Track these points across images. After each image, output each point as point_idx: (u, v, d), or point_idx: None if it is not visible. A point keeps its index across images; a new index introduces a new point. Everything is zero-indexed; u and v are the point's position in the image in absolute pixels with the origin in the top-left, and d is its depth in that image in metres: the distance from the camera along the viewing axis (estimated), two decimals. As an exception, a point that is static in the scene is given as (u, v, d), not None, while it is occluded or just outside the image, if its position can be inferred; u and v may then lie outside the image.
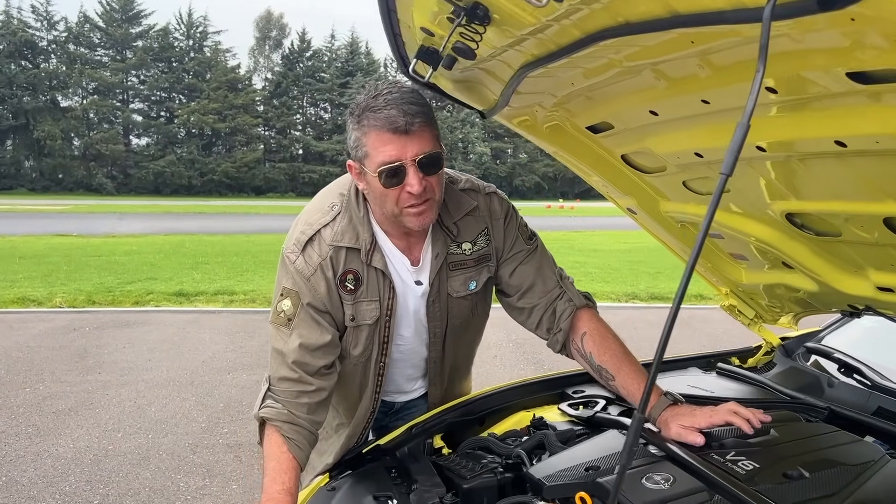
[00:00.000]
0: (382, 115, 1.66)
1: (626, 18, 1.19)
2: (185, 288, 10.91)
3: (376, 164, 1.69)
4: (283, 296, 1.87)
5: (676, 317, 0.89)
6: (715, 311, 10.07)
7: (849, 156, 1.36)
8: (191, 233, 21.34)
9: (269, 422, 1.81)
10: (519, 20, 1.33)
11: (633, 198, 2.20)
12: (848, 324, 2.58)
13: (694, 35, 1.18)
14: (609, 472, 1.62)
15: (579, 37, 1.34)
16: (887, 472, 1.50)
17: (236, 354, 7.15)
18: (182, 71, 65.20)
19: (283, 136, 69.85)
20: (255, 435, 4.78)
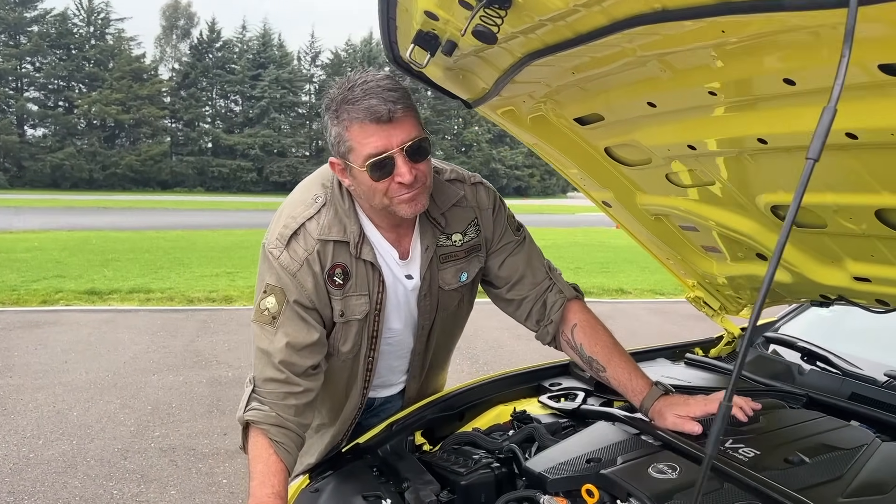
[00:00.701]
0: (363, 106, 1.59)
1: (663, 5, 1.17)
2: (97, 286, 10.38)
3: (363, 157, 1.62)
4: (266, 293, 1.77)
5: (761, 311, 0.88)
6: (635, 304, 10.39)
7: (855, 148, 1.39)
8: (96, 228, 20.33)
9: (255, 424, 1.72)
10: (544, 4, 1.30)
11: (610, 191, 2.22)
12: (802, 313, 2.69)
13: (729, 24, 1.18)
14: (611, 464, 1.62)
15: (603, 24, 1.32)
16: (883, 455, 1.56)
17: (160, 355, 6.85)
18: (82, 59, 61.90)
19: (192, 128, 67.48)
20: (189, 439, 4.59)
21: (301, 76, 73.55)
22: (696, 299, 2.57)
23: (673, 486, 1.48)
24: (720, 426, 0.91)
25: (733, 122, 1.55)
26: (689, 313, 1.98)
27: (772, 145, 1.54)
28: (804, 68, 1.26)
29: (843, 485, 1.43)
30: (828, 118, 0.85)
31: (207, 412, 5.28)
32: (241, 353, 6.96)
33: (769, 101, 1.42)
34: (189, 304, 9.62)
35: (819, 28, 1.10)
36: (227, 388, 5.85)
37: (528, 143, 2.21)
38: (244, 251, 15.62)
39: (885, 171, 1.41)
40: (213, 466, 4.32)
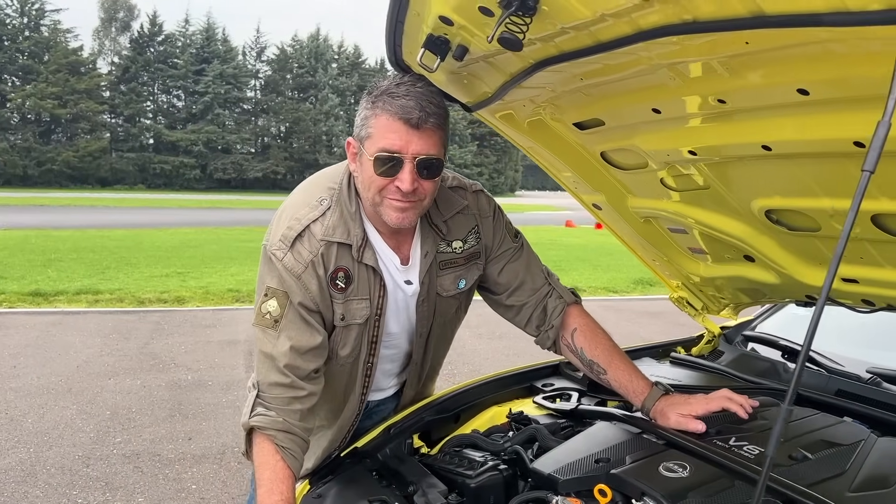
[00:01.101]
0: (399, 103, 1.60)
1: (694, 17, 1.20)
2: (42, 287, 10.02)
3: (376, 147, 1.62)
4: (267, 296, 1.75)
5: (822, 313, 0.91)
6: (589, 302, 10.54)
7: (860, 156, 1.44)
8: (34, 227, 19.63)
9: (261, 430, 1.69)
10: (571, 12, 1.31)
11: (602, 194, 2.25)
12: (777, 312, 2.78)
13: (756, 35, 1.21)
14: (620, 464, 1.65)
15: (627, 34, 1.34)
16: (881, 450, 1.62)
17: (114, 358, 6.66)
18: (15, 51, 59.62)
19: (132, 124, 65.73)
20: (152, 444, 4.49)
21: (246, 71, 72.37)
22: (679, 299, 2.63)
23: (685, 485, 1.51)
24: (781, 427, 0.94)
25: (740, 128, 1.60)
26: (643, 310, 2.04)
27: (776, 152, 1.58)
28: (820, 79, 1.30)
29: (848, 480, 1.49)
30: (882, 131, 0.89)
31: (169, 416, 5.16)
32: (199, 356, 6.83)
33: (780, 109, 1.46)
34: (140, 305, 9.38)
35: (843, 41, 1.14)
36: (188, 392, 5.72)
37: (522, 147, 2.22)
38: (193, 250, 15.31)
39: (887, 178, 1.47)
40: (180, 472, 4.23)
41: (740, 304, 2.58)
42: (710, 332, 2.69)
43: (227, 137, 67.68)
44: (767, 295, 2.32)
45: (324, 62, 74.85)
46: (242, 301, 9.93)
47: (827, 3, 1.01)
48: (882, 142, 0.89)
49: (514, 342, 7.44)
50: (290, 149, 71.34)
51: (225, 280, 11.38)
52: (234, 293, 10.30)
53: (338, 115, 71.91)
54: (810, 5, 1.04)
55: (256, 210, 34.50)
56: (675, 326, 8.56)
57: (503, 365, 6.33)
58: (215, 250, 15.53)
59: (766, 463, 0.96)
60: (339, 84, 74.08)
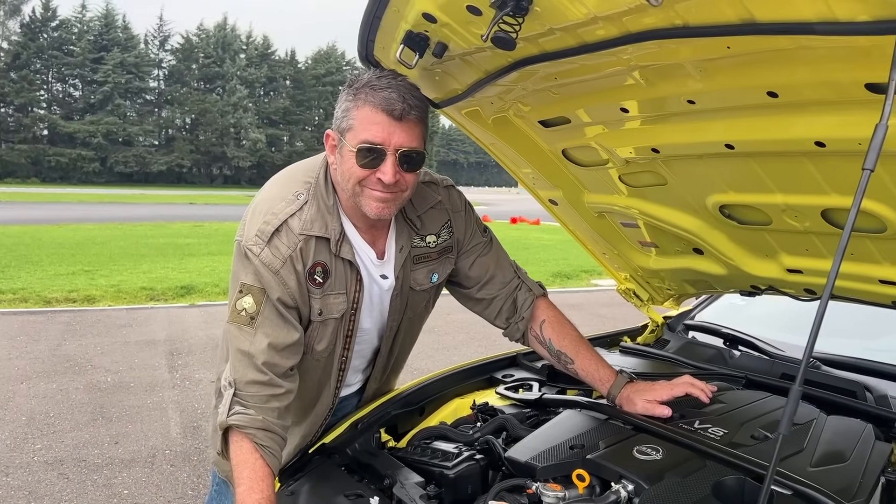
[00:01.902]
0: (382, 95, 1.60)
1: (685, 21, 1.26)
2: (-65, 287, 9.38)
3: (358, 139, 1.62)
4: (242, 293, 1.72)
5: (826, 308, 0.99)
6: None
7: (819, 155, 1.56)
8: (-81, 223, 18.32)
9: (240, 429, 1.66)
10: (563, 14, 1.35)
11: (560, 190, 2.32)
12: (715, 302, 2.93)
13: (738, 41, 1.29)
14: (595, 449, 1.71)
15: (614, 36, 1.39)
16: (832, 428, 1.75)
17: (25, 361, 6.31)
18: None
19: (24, 114, 62.13)
20: (76, 450, 4.33)
21: (149, 61, 69.68)
22: (626, 291, 2.74)
23: (661, 466, 1.58)
24: (793, 407, 1.01)
25: (706, 128, 1.68)
26: (563, 302, 2.13)
27: (738, 150, 1.68)
28: (790, 83, 1.40)
29: (808, 456, 1.60)
30: (881, 133, 0.97)
31: (91, 420, 4.94)
32: (117, 357, 6.56)
33: (748, 110, 1.55)
34: (47, 305, 8.91)
35: (821, 48, 1.23)
36: (110, 395, 5.49)
37: (483, 143, 2.26)
38: (99, 247, 14.64)
39: (841, 175, 1.58)
40: (109, 477, 4.07)
41: (685, 295, 2.70)
42: (653, 322, 2.81)
43: (128, 129, 64.98)
44: (713, 286, 2.45)
45: (231, 52, 72.88)
46: (157, 299, 9.60)
47: (817, 13, 1.09)
48: (880, 143, 0.97)
49: (441, 337, 7.51)
50: (197, 141, 69.14)
51: (137, 278, 10.95)
52: (147, 291, 9.93)
53: (246, 106, 70.19)
54: (802, 14, 1.11)
55: (162, 205, 33.32)
56: (594, 318, 8.85)
57: (434, 360, 6.39)
58: (123, 247, 14.91)
59: (777, 440, 1.02)
60: (248, 75, 72.33)
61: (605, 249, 2.59)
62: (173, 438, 4.68)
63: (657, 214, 2.18)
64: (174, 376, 6.04)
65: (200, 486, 3.98)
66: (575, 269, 13.47)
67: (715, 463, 1.60)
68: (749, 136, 1.62)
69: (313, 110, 78.31)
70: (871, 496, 1.50)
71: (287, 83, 78.04)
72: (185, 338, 7.42)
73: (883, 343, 2.41)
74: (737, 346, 2.48)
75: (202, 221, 22.76)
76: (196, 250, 14.81)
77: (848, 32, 1.08)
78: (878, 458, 1.62)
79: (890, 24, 1.01)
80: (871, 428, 1.76)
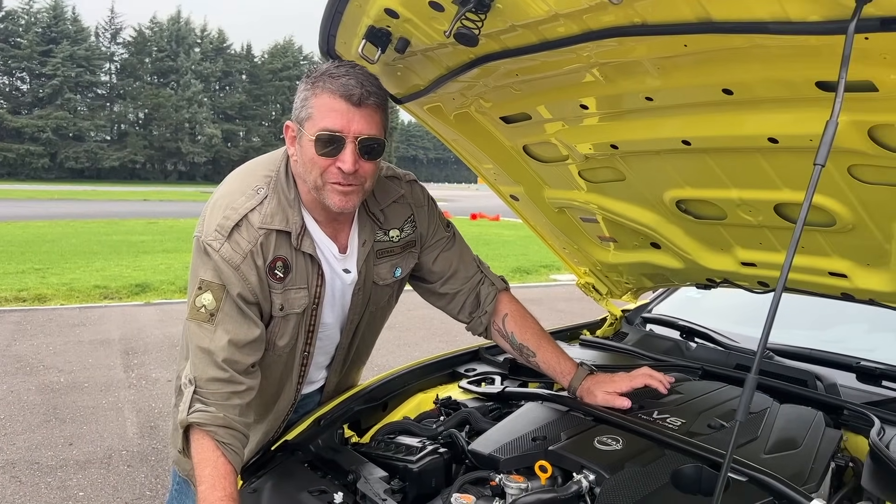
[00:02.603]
0: (340, 82, 1.59)
1: (643, 19, 1.29)
2: None
3: (317, 127, 1.61)
4: (201, 289, 1.70)
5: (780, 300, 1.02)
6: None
7: (772, 151, 1.61)
8: None
9: (201, 427, 1.64)
10: (525, 11, 1.37)
11: (521, 185, 2.34)
12: (671, 295, 2.99)
13: (694, 39, 1.32)
14: (556, 440, 1.74)
15: (575, 33, 1.42)
16: (785, 416, 1.81)
17: (-34, 362, 6.13)
18: None
19: (-32, 108, 60.17)
20: (29, 452, 4.24)
21: (100, 54, 68.07)
22: (585, 285, 2.78)
23: (621, 456, 1.62)
24: (749, 395, 1.04)
25: (663, 124, 1.72)
26: (523, 297, 2.17)
27: (694, 146, 1.72)
28: (744, 81, 1.44)
29: (762, 443, 1.65)
30: (831, 130, 1.00)
31: (44, 422, 4.82)
32: (70, 357, 6.41)
33: (704, 107, 1.59)
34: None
35: (775, 47, 1.27)
36: (63, 395, 5.37)
37: (445, 139, 2.27)
38: (50, 245, 14.27)
39: (793, 171, 1.63)
40: (63, 479, 3.98)
41: (642, 288, 2.76)
42: (612, 316, 2.86)
43: (79, 124, 63.44)
44: (670, 279, 2.50)
45: (186, 46, 71.63)
46: (111, 298, 9.40)
47: (771, 12, 1.13)
48: (831, 139, 1.01)
49: (402, 333, 7.50)
50: (150, 136, 67.85)
51: (90, 276, 10.70)
52: (101, 290, 9.72)
53: (201, 101, 69.05)
54: (756, 14, 1.15)
55: (115, 202, 32.62)
56: (554, 312, 8.94)
57: (395, 356, 6.39)
58: (75, 244, 14.56)
59: (735, 427, 1.06)
60: (203, 69, 71.14)
61: (564, 244, 2.62)
62: (130, 439, 4.60)
63: (616, 209, 2.22)
64: (130, 376, 5.93)
65: (159, 486, 3.92)
66: (534, 265, 13.58)
67: (673, 452, 1.64)
68: (705, 133, 1.66)
69: (270, 105, 77.44)
70: (822, 481, 1.56)
71: (243, 78, 77.00)
72: (141, 337, 7.28)
73: (833, 334, 2.49)
74: (693, 338, 2.53)
75: (156, 218, 22.35)
76: (151, 248, 14.54)
77: (800, 32, 1.12)
78: (829, 445, 1.67)
79: (839, 23, 1.04)
80: (821, 415, 1.82)
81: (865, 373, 2.08)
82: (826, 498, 1.56)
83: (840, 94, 1.00)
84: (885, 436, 1.69)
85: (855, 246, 1.79)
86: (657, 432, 1.71)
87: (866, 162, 1.48)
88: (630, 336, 2.69)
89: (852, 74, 1.21)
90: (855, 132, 1.39)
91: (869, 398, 1.96)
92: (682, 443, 1.65)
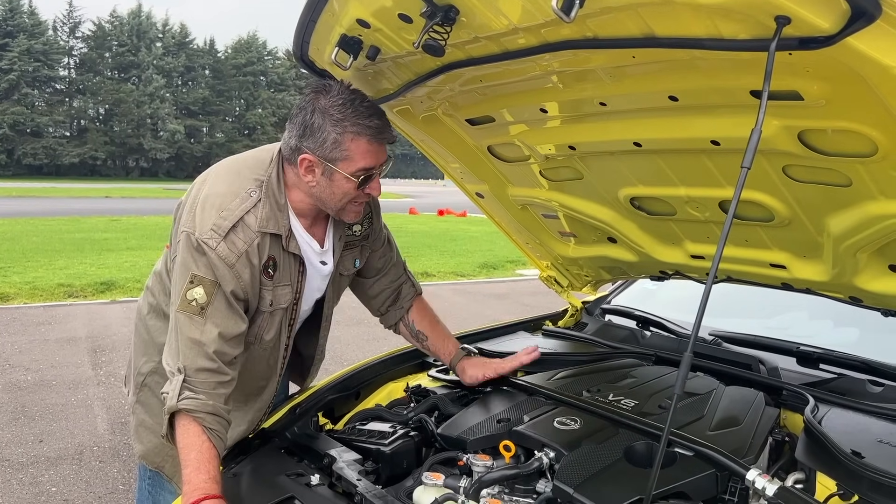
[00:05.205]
0: (373, 125, 1.77)
1: (595, 34, 1.42)
2: None
3: (357, 167, 1.79)
4: (192, 283, 1.79)
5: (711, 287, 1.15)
6: (440, 286, 10.85)
7: (715, 153, 1.75)
8: None
9: (189, 413, 1.73)
10: (487, 25, 1.49)
11: (486, 184, 2.46)
12: (629, 287, 3.14)
13: (642, 52, 1.45)
14: (520, 422, 1.87)
15: (533, 45, 1.54)
16: (729, 396, 1.96)
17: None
18: None
19: (-82, 104, 58.54)
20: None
21: (58, 48, 66.69)
22: (548, 278, 2.91)
23: (579, 435, 1.76)
24: (685, 371, 1.18)
25: (616, 127, 1.85)
26: (490, 292, 2.39)
27: (645, 148, 1.86)
28: (687, 89, 1.57)
29: (708, 421, 1.80)
30: (756, 136, 1.14)
31: (13, 420, 4.83)
32: (36, 355, 6.38)
33: (652, 112, 1.72)
34: None
35: (712, 60, 1.40)
36: (30, 393, 5.36)
37: (413, 139, 2.38)
38: (10, 243, 14.03)
39: (734, 170, 1.77)
40: (35, 476, 4.01)
41: (601, 281, 2.90)
42: (573, 307, 3.00)
43: (37, 119, 62.13)
44: (626, 272, 2.65)
45: (147, 41, 70.47)
46: (76, 296, 9.32)
47: (707, 30, 1.26)
48: (755, 144, 1.14)
49: (370, 328, 7.57)
50: (111, 132, 66.67)
51: (53, 274, 10.58)
52: (65, 288, 9.62)
53: (163, 97, 68.02)
54: (693, 31, 1.28)
55: (76, 199, 32.03)
56: (519, 306, 9.09)
57: (364, 350, 6.48)
58: (37, 243, 14.33)
59: (673, 402, 1.19)
60: (165, 64, 70.11)
61: (528, 239, 2.75)
62: (101, 435, 4.63)
63: (575, 206, 2.35)
64: (98, 373, 5.94)
65: (132, 480, 3.97)
66: (501, 260, 13.74)
67: (627, 430, 1.78)
68: (654, 135, 1.80)
69: (234, 101, 76.55)
70: (761, 454, 1.71)
71: (206, 73, 76.00)
72: (108, 334, 7.27)
73: (776, 321, 2.66)
74: (648, 327, 2.68)
75: (119, 216, 22.03)
76: (115, 245, 14.37)
77: (731, 48, 1.25)
78: (768, 422, 1.82)
79: (763, 41, 1.18)
80: (762, 396, 1.97)
81: (804, 357, 2.24)
82: (764, 469, 1.72)
83: (763, 104, 1.14)
84: (819, 413, 1.84)
85: (792, 239, 1.94)
86: (612, 413, 1.85)
87: (798, 162, 1.63)
88: (590, 326, 2.83)
89: (781, 84, 1.36)
90: (786, 136, 1.54)
91: (807, 380, 2.12)
92: (634, 422, 1.79)
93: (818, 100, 1.37)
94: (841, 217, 1.72)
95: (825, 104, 1.38)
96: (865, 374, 2.11)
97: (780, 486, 1.46)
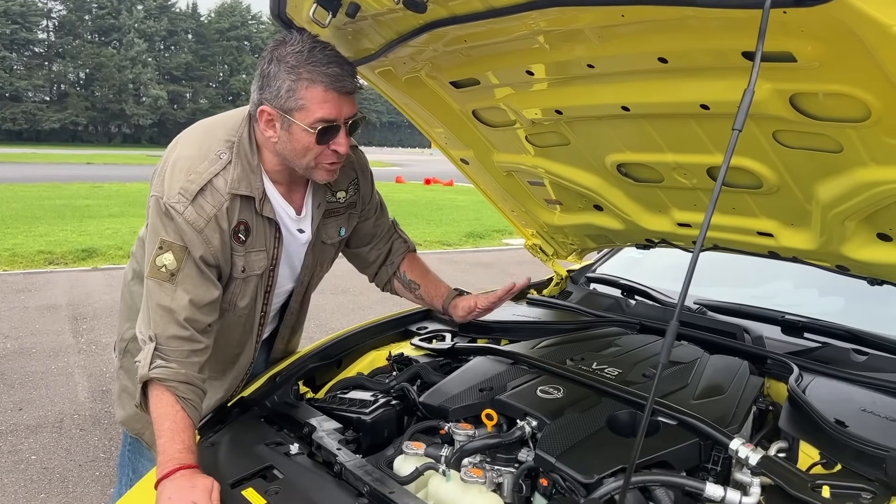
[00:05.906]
0: (329, 72, 1.66)
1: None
2: None
3: (314, 118, 1.69)
4: (161, 248, 1.74)
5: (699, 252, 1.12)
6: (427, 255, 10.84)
7: (705, 117, 1.71)
8: None
9: (162, 382, 1.69)
10: (471, -20, 1.43)
11: (471, 149, 2.41)
12: (614, 256, 3.12)
13: (631, 10, 1.40)
14: (502, 391, 1.84)
15: (519, 1, 1.48)
16: (713, 365, 1.94)
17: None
18: None
19: None
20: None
21: (36, 10, 65.11)
22: (533, 246, 2.88)
23: (561, 404, 1.73)
24: (671, 339, 1.15)
25: (604, 91, 1.80)
26: (476, 261, 2.38)
27: (633, 112, 1.81)
28: (678, 50, 1.52)
29: (692, 390, 1.78)
30: (748, 98, 1.09)
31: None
32: (16, 323, 6.31)
33: (641, 74, 1.68)
34: None
35: (704, 19, 1.36)
36: (10, 361, 5.31)
37: (396, 102, 2.32)
38: (-12, 209, 13.85)
39: (723, 136, 1.74)
40: (15, 444, 3.97)
41: (586, 249, 2.87)
42: (558, 275, 2.97)
43: (15, 83, 60.95)
44: (612, 240, 2.61)
45: (128, 3, 69.01)
46: (56, 263, 9.22)
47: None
48: (748, 106, 1.10)
49: (355, 297, 7.55)
50: (92, 97, 65.58)
51: (33, 241, 10.45)
52: (45, 255, 9.51)
53: (146, 61, 66.85)
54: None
55: (56, 165, 31.61)
56: (505, 276, 9.08)
57: (349, 319, 6.45)
58: (17, 209, 14.14)
59: (659, 368, 1.16)
60: (147, 28, 68.80)
61: (513, 207, 2.71)
62: (81, 403, 4.60)
63: (561, 173, 2.31)
64: (79, 341, 5.88)
65: (113, 448, 3.94)
66: (487, 229, 13.72)
67: (610, 399, 1.76)
68: (642, 99, 1.75)
69: (217, 66, 75.50)
70: (745, 423, 1.70)
71: (189, 37, 74.76)
72: (89, 302, 7.19)
73: (761, 290, 2.64)
74: (633, 296, 2.66)
75: (101, 182, 21.77)
76: (96, 212, 14.21)
77: (724, 5, 1.21)
78: (752, 390, 1.81)
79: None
80: (746, 364, 1.95)
81: (789, 326, 2.23)
82: (747, 437, 1.71)
83: (757, 64, 1.09)
84: (803, 382, 1.83)
85: (780, 207, 1.91)
86: (596, 381, 1.83)
87: (788, 128, 1.59)
88: (574, 294, 2.81)
89: (774, 45, 1.32)
90: (778, 99, 1.50)
91: (791, 349, 2.11)
92: (617, 390, 1.77)
93: (812, 61, 1.33)
94: (830, 184, 1.68)
95: (818, 66, 1.33)
96: (850, 343, 2.10)
97: (764, 455, 1.45)
